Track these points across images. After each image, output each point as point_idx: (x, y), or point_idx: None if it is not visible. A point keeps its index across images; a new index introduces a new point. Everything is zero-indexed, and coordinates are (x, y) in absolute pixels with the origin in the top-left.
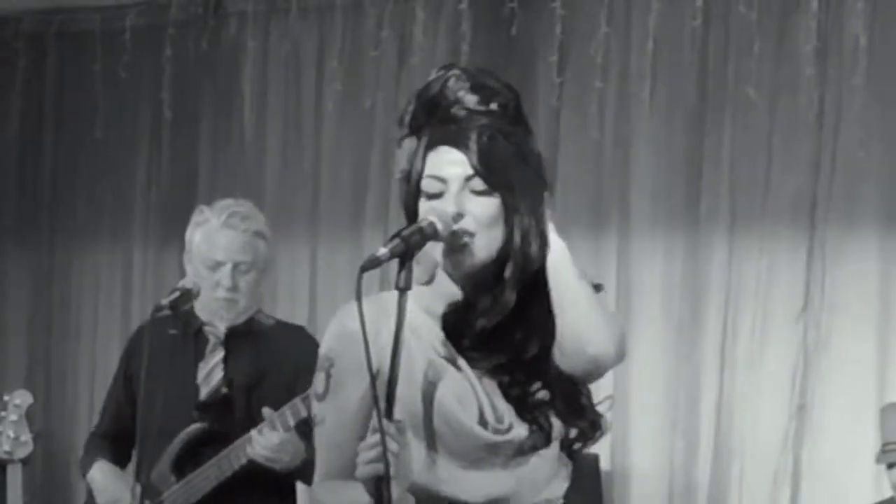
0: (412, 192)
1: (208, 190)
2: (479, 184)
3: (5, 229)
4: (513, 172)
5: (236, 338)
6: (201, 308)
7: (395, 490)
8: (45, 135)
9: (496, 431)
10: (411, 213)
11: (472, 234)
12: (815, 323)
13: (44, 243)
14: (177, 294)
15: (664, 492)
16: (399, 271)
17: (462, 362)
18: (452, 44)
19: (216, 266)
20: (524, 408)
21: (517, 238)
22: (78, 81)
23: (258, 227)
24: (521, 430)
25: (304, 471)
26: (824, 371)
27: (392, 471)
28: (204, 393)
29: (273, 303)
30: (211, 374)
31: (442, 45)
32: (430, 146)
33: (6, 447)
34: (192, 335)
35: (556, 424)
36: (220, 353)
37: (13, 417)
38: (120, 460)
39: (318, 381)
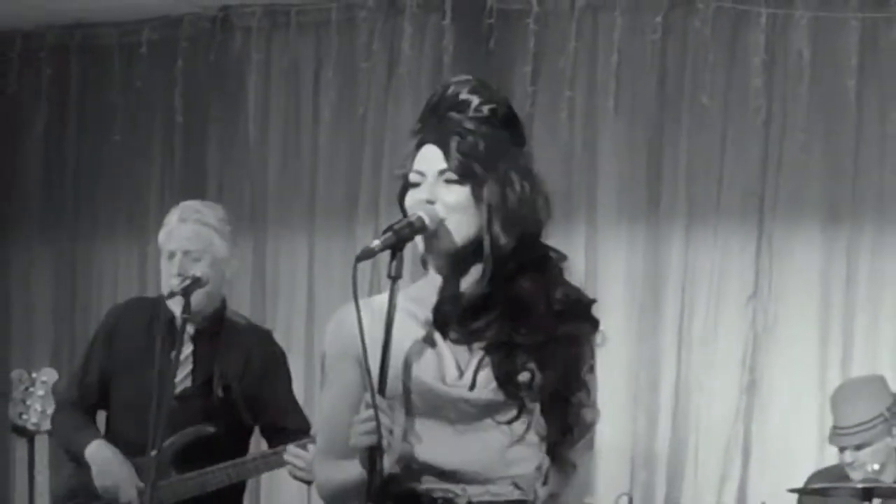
0: (404, 185)
1: (216, 188)
2: (451, 175)
3: (33, 223)
4: (483, 168)
5: (207, 334)
6: (173, 301)
7: (387, 462)
8: (67, 138)
9: (454, 386)
10: (402, 204)
11: (441, 220)
12: (763, 308)
13: (67, 235)
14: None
15: (627, 461)
16: (391, 261)
17: (438, 337)
18: (436, 56)
19: (170, 256)
20: (508, 384)
21: (485, 225)
22: (98, 90)
23: (208, 219)
24: (487, 393)
25: None
26: (771, 352)
27: (384, 443)
28: (176, 382)
29: (275, 289)
30: (181, 365)
31: (427, 57)
32: (419, 145)
33: (34, 420)
34: (164, 325)
35: (534, 410)
36: (190, 347)
37: (40, 393)
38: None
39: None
